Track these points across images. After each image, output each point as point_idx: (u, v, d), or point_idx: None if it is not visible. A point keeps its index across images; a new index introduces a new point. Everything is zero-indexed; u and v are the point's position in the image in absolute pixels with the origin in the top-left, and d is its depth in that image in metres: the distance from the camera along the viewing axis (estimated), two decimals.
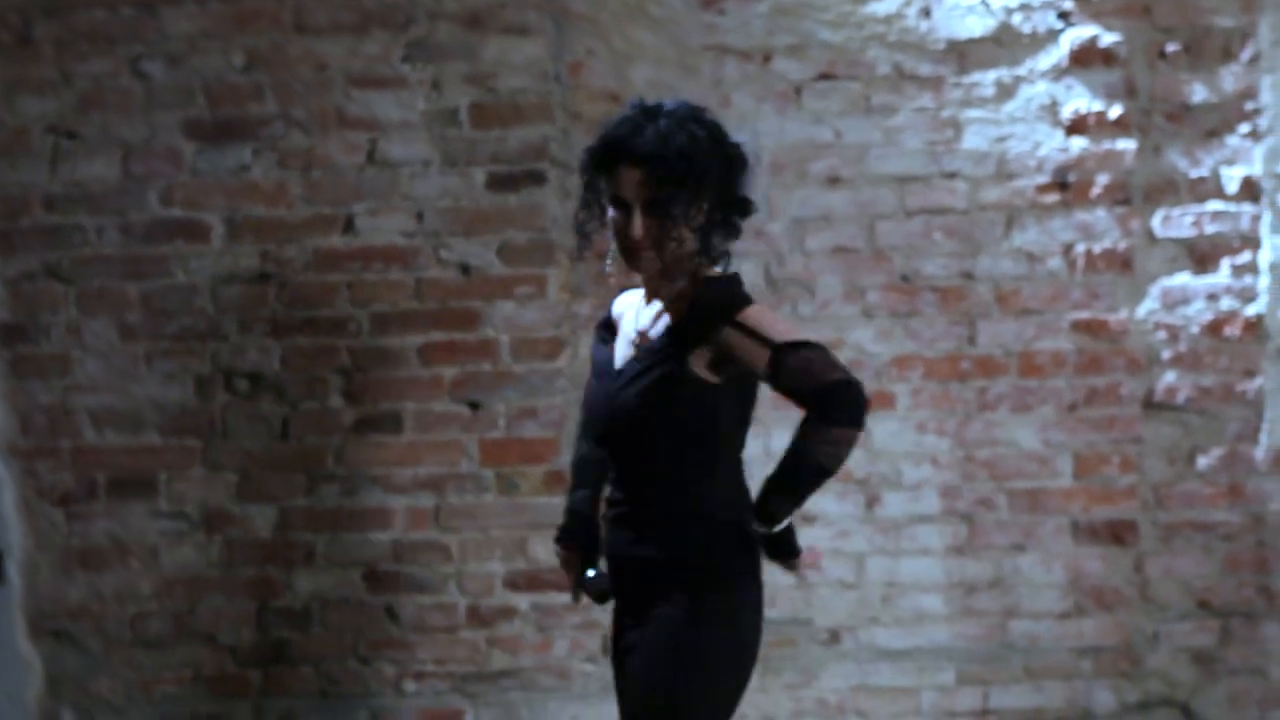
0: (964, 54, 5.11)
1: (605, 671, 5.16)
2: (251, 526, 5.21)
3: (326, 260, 5.16)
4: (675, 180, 3.30)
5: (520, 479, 5.18)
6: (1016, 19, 5.09)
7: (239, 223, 5.17)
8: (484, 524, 5.18)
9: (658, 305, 3.48)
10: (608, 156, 3.37)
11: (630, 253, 3.38)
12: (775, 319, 3.37)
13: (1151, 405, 5.15)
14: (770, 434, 4.47)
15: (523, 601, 5.19)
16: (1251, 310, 5.13)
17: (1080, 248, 5.12)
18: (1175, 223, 5.13)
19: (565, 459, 5.14)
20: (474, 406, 5.17)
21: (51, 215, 5.17)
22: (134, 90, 5.15)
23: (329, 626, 5.21)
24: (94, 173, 5.16)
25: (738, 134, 3.48)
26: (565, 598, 5.12)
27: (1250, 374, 5.13)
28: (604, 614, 4.95)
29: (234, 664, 5.24)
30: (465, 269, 5.15)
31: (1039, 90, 5.11)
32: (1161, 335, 5.14)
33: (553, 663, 5.21)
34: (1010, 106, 5.11)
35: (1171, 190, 5.12)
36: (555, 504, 5.12)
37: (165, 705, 5.24)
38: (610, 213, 3.41)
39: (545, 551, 5.15)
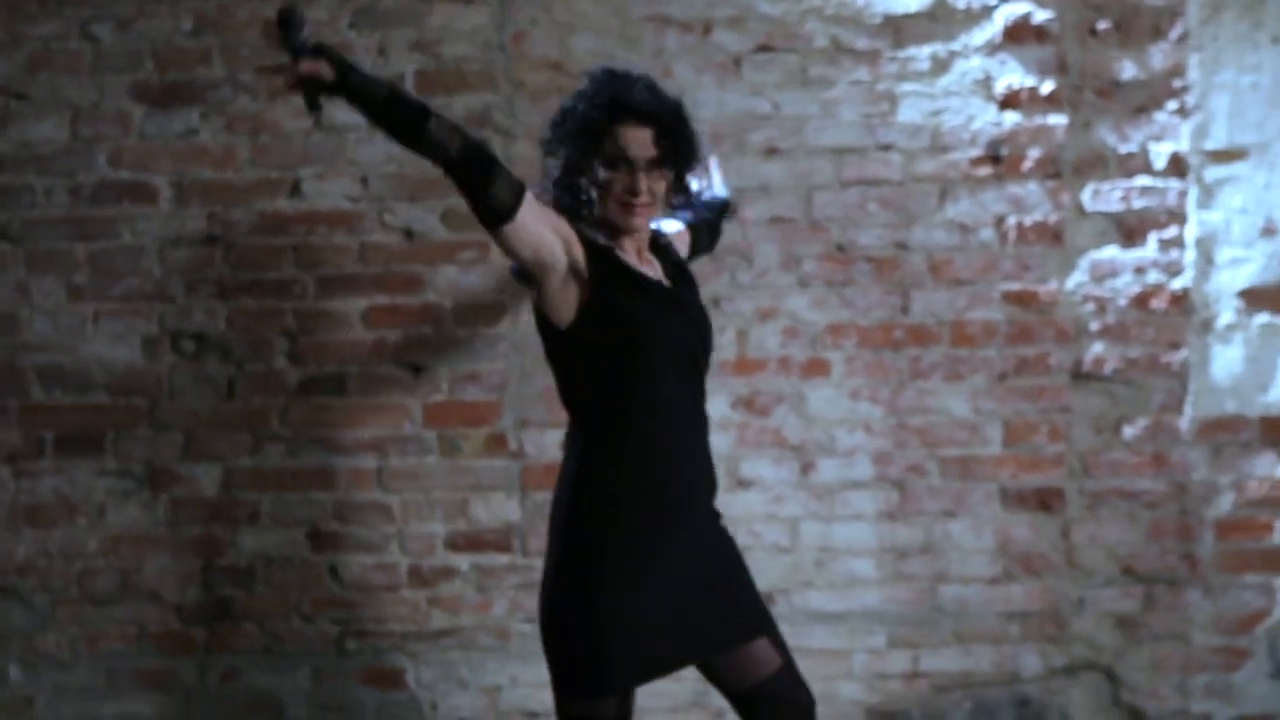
0: (900, 28, 5.20)
1: None
2: (197, 485, 5.27)
3: (273, 224, 5.23)
4: (678, 138, 3.60)
5: (462, 441, 5.24)
6: None
7: (186, 186, 5.23)
8: (426, 485, 5.25)
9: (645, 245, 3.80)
10: (611, 116, 3.56)
11: (629, 209, 3.61)
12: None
13: (1079, 375, 5.25)
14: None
15: (463, 562, 5.25)
16: (1177, 284, 5.23)
17: (1011, 220, 5.22)
18: (1104, 197, 5.23)
19: (507, 422, 5.24)
20: (417, 370, 5.24)
21: (0, 176, 5.21)
22: (83, 52, 5.22)
23: (273, 585, 5.28)
24: (43, 134, 5.23)
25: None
26: (504, 558, 5.22)
27: (1175, 346, 5.23)
28: (540, 574, 5.04)
29: (179, 621, 5.29)
30: (409, 234, 5.23)
31: (973, 65, 5.20)
32: (1090, 307, 5.24)
33: (492, 623, 5.28)
34: (945, 81, 5.20)
35: (1101, 165, 5.22)
36: (497, 466, 5.24)
37: (110, 661, 5.29)
38: (602, 173, 3.61)
39: (487, 513, 5.25)
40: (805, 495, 5.24)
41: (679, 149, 3.61)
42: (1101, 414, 5.27)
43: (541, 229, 3.48)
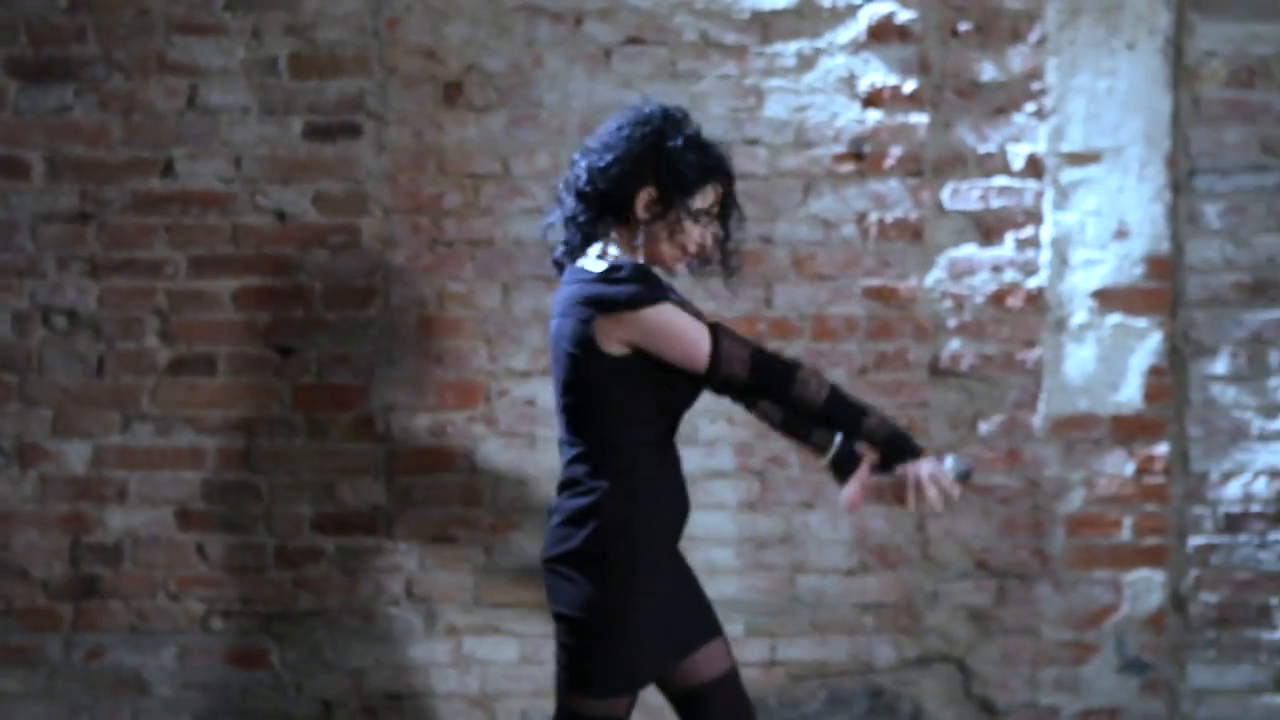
0: (767, 25, 5.30)
1: (407, 614, 5.30)
2: (66, 462, 5.28)
3: (145, 202, 5.26)
4: (735, 199, 3.82)
5: (330, 424, 5.28)
6: None
7: (59, 162, 5.25)
8: (294, 467, 5.28)
9: None
10: (704, 174, 3.73)
11: (684, 259, 3.81)
12: None
13: (937, 371, 5.35)
14: None
15: (329, 544, 5.28)
16: (1033, 283, 5.35)
17: (873, 217, 5.32)
18: (963, 196, 5.35)
19: (374, 404, 5.28)
20: (286, 351, 5.27)
21: None
22: None
23: (139, 563, 5.29)
24: None
25: None
26: (371, 541, 5.25)
27: (1030, 344, 5.35)
28: (406, 558, 5.11)
29: (45, 598, 5.29)
30: (281, 216, 5.27)
31: (837, 63, 5.30)
32: (948, 304, 5.34)
33: (357, 605, 5.30)
34: (810, 77, 5.30)
35: (960, 164, 5.34)
36: (364, 449, 5.28)
37: None
38: (693, 224, 3.74)
39: (354, 495, 5.28)
40: None
41: (733, 209, 3.82)
42: (958, 410, 5.38)
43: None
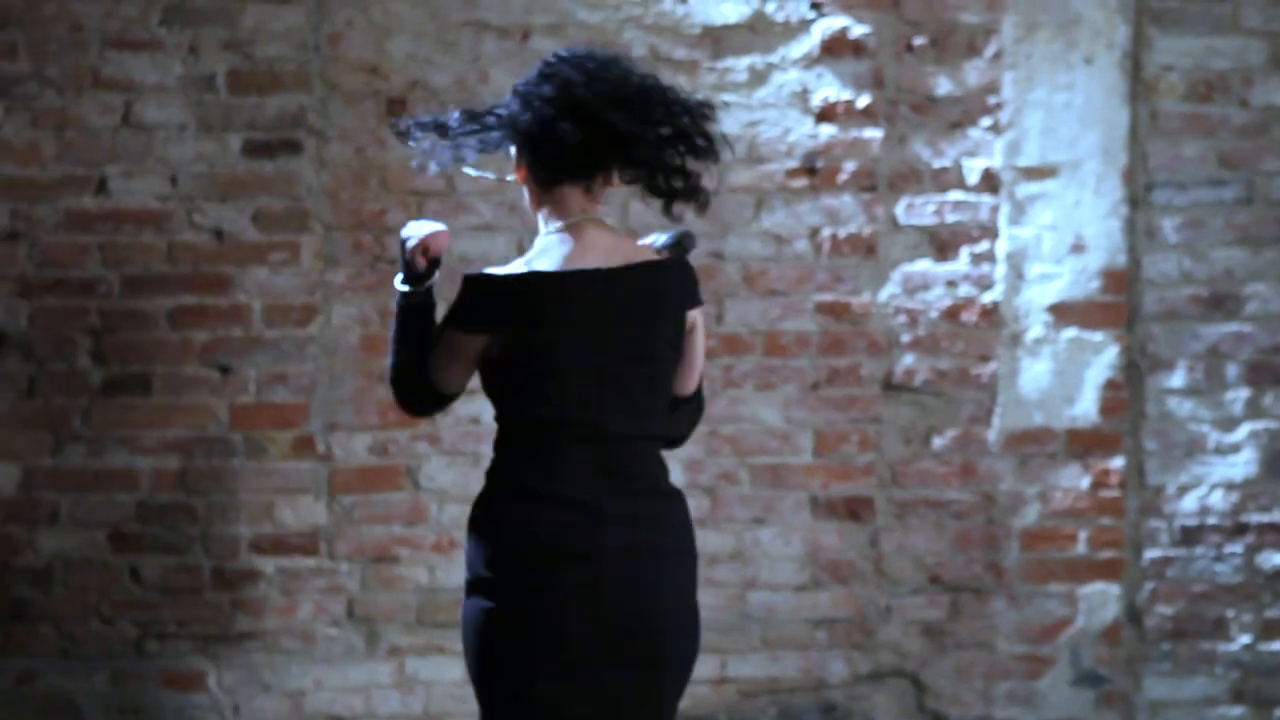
0: (719, 39, 5.23)
1: (348, 635, 5.25)
2: None
3: (78, 221, 5.17)
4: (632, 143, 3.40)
5: (269, 444, 5.22)
6: (770, 7, 5.22)
7: None
8: (231, 487, 5.22)
9: None
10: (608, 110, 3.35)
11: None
12: None
13: (890, 386, 5.32)
14: None
15: (268, 565, 5.23)
16: (988, 298, 5.31)
17: (826, 232, 5.28)
18: (918, 211, 5.30)
19: (315, 424, 5.22)
20: (224, 370, 5.20)
21: None
22: None
23: (71, 586, 5.22)
24: None
25: None
26: (311, 562, 5.19)
27: (985, 359, 5.31)
28: (348, 579, 5.05)
29: None
30: (219, 234, 5.19)
31: (790, 78, 5.25)
32: (902, 319, 5.30)
33: (296, 626, 5.24)
34: (762, 92, 5.25)
35: (915, 179, 5.29)
36: (304, 469, 5.23)
37: None
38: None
39: (293, 515, 5.22)
40: None
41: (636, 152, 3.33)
42: (911, 424, 5.34)
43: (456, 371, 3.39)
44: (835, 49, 5.24)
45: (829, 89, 5.25)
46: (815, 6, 5.22)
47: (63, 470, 5.21)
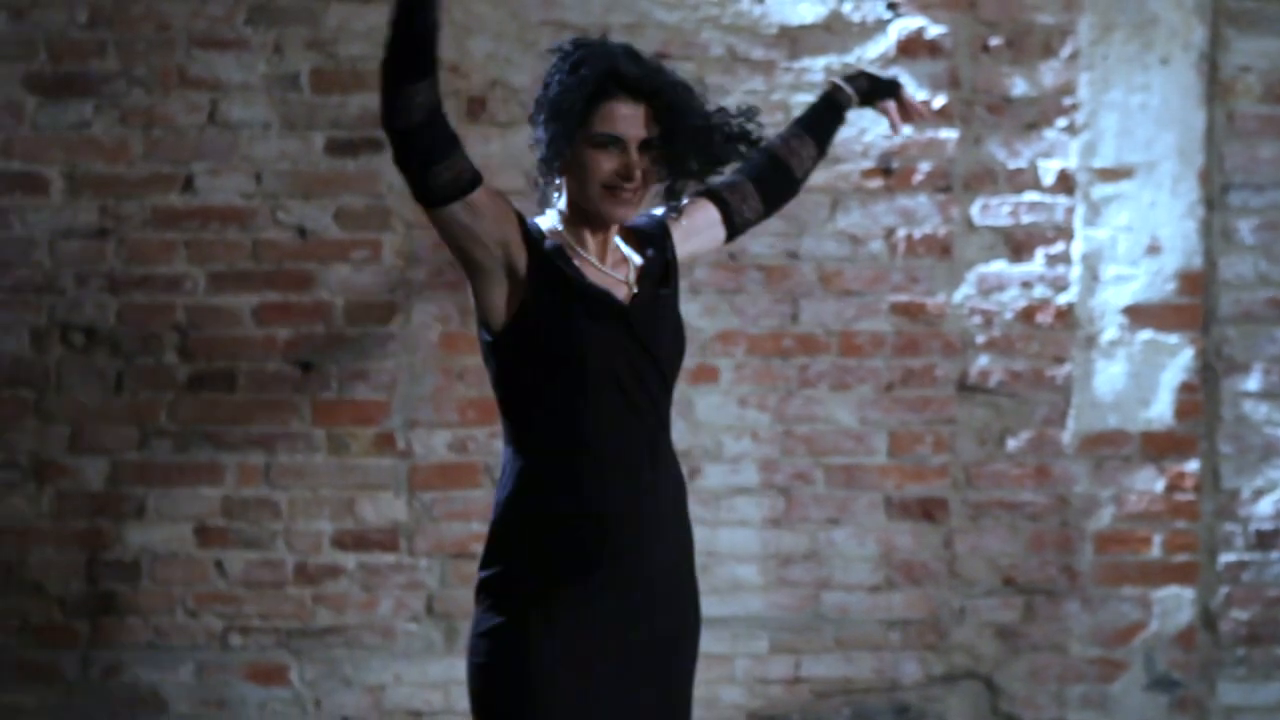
0: (795, 40, 5.26)
1: (428, 631, 5.28)
2: (83, 479, 5.25)
3: (165, 218, 5.23)
4: (674, 117, 3.15)
5: (350, 440, 5.25)
6: (847, 8, 5.24)
7: (79, 178, 5.22)
8: (313, 483, 5.26)
9: (619, 242, 3.29)
10: (598, 90, 3.11)
11: (615, 193, 3.14)
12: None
13: (965, 387, 5.32)
14: None
15: (349, 560, 5.27)
16: (1063, 299, 5.31)
17: (901, 232, 5.29)
18: (993, 211, 5.31)
19: (395, 421, 5.26)
20: (306, 367, 5.25)
21: None
22: None
23: (157, 580, 5.27)
24: None
25: None
26: (391, 558, 5.23)
27: (1060, 360, 5.31)
28: (428, 575, 5.08)
29: (62, 615, 5.27)
30: (302, 231, 5.24)
31: None
32: (977, 320, 5.31)
33: (377, 621, 5.28)
34: None
35: (990, 180, 5.30)
36: (385, 465, 5.26)
37: None
38: (587, 154, 3.14)
39: (374, 511, 5.26)
40: (691, 500, 5.21)
41: (678, 127, 3.15)
42: (985, 426, 5.34)
43: (476, 224, 3.09)
44: (911, 49, 5.26)
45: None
46: (891, 7, 5.24)
47: (149, 465, 5.27)
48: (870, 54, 5.26)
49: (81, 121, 5.23)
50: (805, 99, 5.13)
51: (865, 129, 5.26)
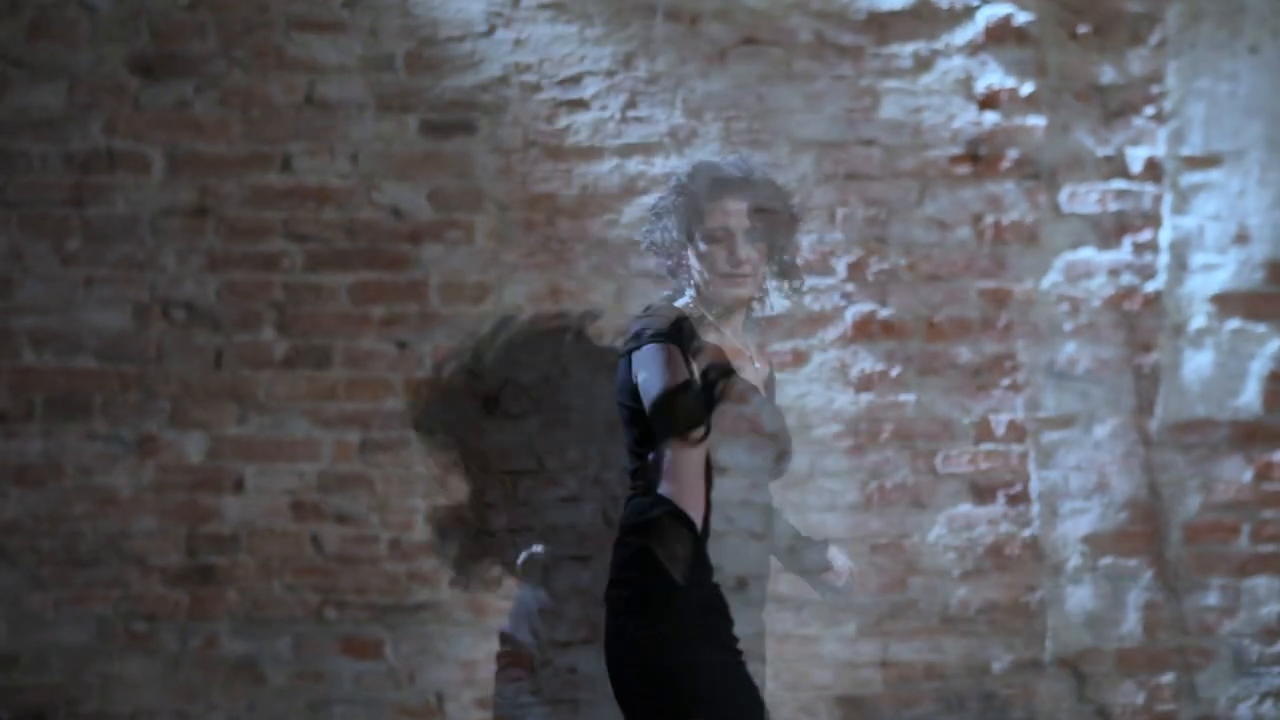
0: (884, 25, 5.29)
1: None
2: (183, 452, 5.34)
3: (263, 197, 5.32)
4: (773, 210, 4.13)
5: None
6: None
7: (179, 157, 5.32)
8: (407, 460, 5.31)
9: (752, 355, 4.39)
10: (714, 192, 4.12)
11: (730, 277, 4.18)
12: None
13: (1052, 374, 5.30)
14: None
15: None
16: (1151, 287, 5.30)
17: (989, 219, 5.30)
18: (1081, 199, 5.31)
19: None
20: (401, 345, 5.31)
21: None
22: (80, 21, 5.30)
23: (255, 553, 5.34)
24: (39, 101, 5.30)
25: None
26: (484, 535, 5.29)
27: (1147, 348, 5.30)
28: (518, 552, 5.11)
29: (162, 585, 5.34)
30: (396, 212, 5.31)
31: (954, 65, 5.28)
32: (1064, 307, 5.30)
33: (469, 598, 5.33)
34: (926, 79, 5.29)
35: (1078, 167, 5.29)
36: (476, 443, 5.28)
37: (94, 623, 5.34)
38: (702, 247, 4.18)
39: (465, 490, 5.30)
40: (779, 483, 5.28)
41: (774, 219, 4.14)
42: (1073, 413, 5.33)
43: None
44: (999, 36, 5.28)
45: (992, 76, 5.29)
46: None
47: (247, 440, 5.35)
48: (958, 40, 5.29)
49: (182, 101, 5.34)
50: (893, 85, 5.21)
51: (953, 115, 5.27)
